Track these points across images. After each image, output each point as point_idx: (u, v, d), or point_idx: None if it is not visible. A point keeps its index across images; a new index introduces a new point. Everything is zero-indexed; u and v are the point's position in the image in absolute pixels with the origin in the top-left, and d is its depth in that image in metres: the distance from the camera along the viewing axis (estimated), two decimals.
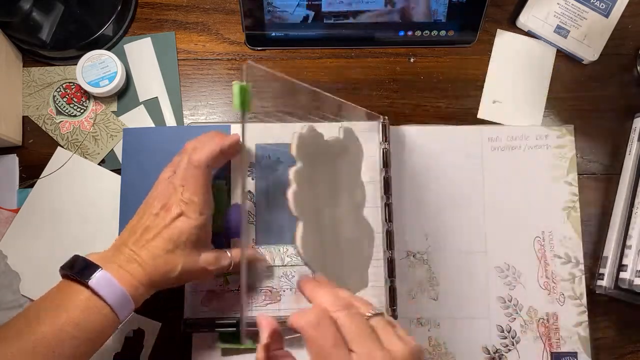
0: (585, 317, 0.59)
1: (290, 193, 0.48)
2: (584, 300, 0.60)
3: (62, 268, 0.46)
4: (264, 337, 0.40)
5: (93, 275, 0.44)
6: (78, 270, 0.45)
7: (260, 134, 0.60)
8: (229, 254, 0.52)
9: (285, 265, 0.58)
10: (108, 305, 0.44)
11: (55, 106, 0.63)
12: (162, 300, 0.59)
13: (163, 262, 0.48)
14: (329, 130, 0.59)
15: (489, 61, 0.65)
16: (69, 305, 0.43)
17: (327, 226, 0.52)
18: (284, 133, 0.59)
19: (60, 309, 0.43)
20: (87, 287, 0.44)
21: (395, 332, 0.38)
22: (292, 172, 0.49)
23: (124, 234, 0.50)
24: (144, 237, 0.48)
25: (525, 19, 0.64)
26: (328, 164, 0.53)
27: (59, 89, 0.63)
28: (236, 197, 0.58)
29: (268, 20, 0.61)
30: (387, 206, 0.58)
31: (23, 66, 0.64)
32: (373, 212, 0.58)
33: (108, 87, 0.61)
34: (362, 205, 0.57)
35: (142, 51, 0.64)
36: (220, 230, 0.58)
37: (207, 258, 0.51)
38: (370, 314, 0.39)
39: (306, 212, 0.49)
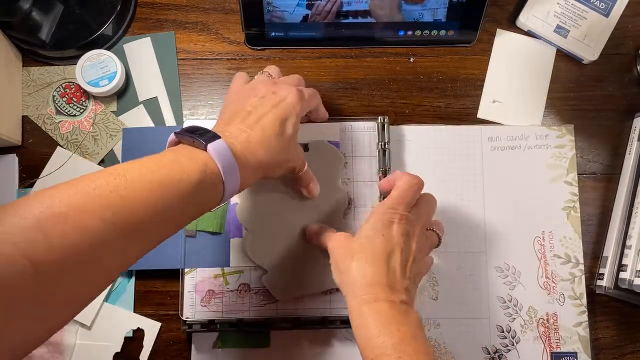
0: (585, 317, 0.59)
1: (237, 208, 0.57)
2: (584, 300, 0.60)
3: (180, 134, 0.44)
4: None
5: (212, 142, 0.42)
6: (196, 133, 0.43)
7: None
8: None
9: None
10: (221, 175, 0.42)
11: (55, 106, 0.63)
12: (162, 300, 0.59)
13: (273, 144, 0.46)
14: (329, 130, 0.60)
15: (489, 61, 0.65)
16: (187, 166, 0.41)
17: (288, 232, 0.57)
18: None
19: (178, 167, 0.40)
20: (204, 150, 0.42)
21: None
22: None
23: (224, 117, 0.48)
24: (251, 117, 0.47)
25: (525, 19, 0.64)
26: (284, 178, 0.56)
27: (58, 89, 0.63)
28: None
29: (268, 20, 0.61)
30: None
31: (23, 66, 0.64)
32: None
33: (108, 87, 0.61)
34: (341, 210, 0.58)
35: (142, 51, 0.64)
36: (220, 230, 0.58)
37: (301, 150, 0.52)
38: None
39: (255, 222, 0.57)
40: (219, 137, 0.43)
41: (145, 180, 0.38)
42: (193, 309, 0.57)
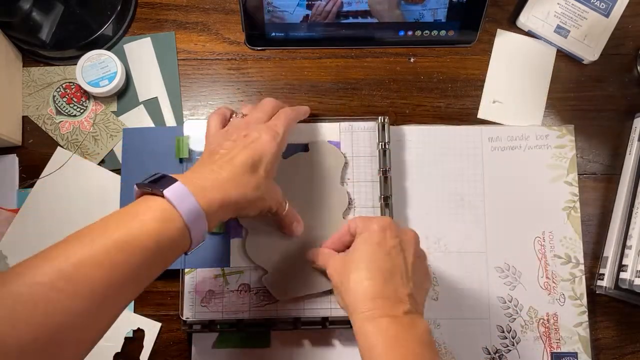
0: (585, 317, 0.59)
1: None
2: (584, 300, 0.60)
3: (138, 184, 0.44)
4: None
5: (169, 187, 0.42)
6: (155, 181, 0.43)
7: None
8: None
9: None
10: (182, 218, 0.42)
11: (55, 106, 0.63)
12: (162, 300, 0.59)
13: (244, 181, 0.46)
14: (329, 130, 0.60)
15: (489, 61, 0.65)
16: (144, 215, 0.41)
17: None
18: None
19: (136, 219, 0.41)
20: (162, 197, 0.42)
21: None
22: None
23: (201, 159, 0.50)
24: (223, 159, 0.47)
25: (525, 19, 0.64)
26: (286, 180, 0.56)
27: (58, 89, 0.63)
28: None
29: (268, 20, 0.61)
30: (387, 206, 0.58)
31: (23, 66, 0.64)
32: (373, 212, 0.58)
33: (108, 87, 0.61)
34: (341, 209, 0.58)
35: (142, 51, 0.64)
36: (220, 231, 0.58)
37: (278, 190, 0.52)
38: None
39: (255, 222, 0.57)
40: (175, 181, 0.43)
41: (100, 240, 0.39)
42: (193, 309, 0.57)
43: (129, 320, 0.59)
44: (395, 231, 0.48)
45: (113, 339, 0.58)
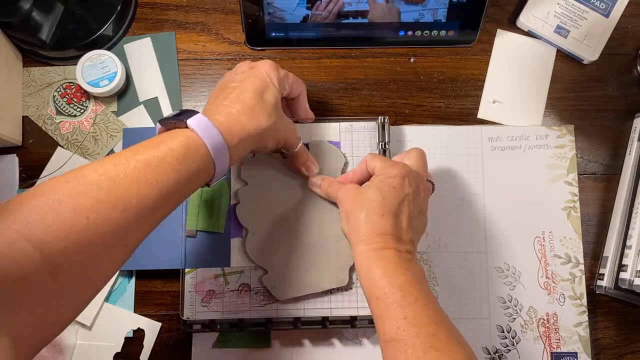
0: (585, 317, 0.59)
1: (237, 208, 0.58)
2: (584, 300, 0.60)
3: (161, 120, 0.46)
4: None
5: (191, 117, 0.44)
6: (177, 114, 0.46)
7: None
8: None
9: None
10: (206, 147, 0.44)
11: (55, 106, 0.63)
12: (162, 300, 0.59)
13: (255, 111, 0.48)
14: (329, 130, 0.60)
15: (489, 61, 0.65)
16: (170, 142, 0.43)
17: (288, 232, 0.57)
18: None
19: (162, 145, 0.43)
20: (186, 127, 0.44)
21: None
22: (239, 192, 0.58)
23: (212, 96, 0.52)
24: (233, 93, 0.49)
25: (525, 19, 0.64)
26: (285, 179, 0.58)
27: (59, 89, 0.63)
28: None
29: (268, 20, 0.61)
30: None
31: (23, 66, 0.64)
32: None
33: (108, 87, 0.61)
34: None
35: (142, 51, 0.64)
36: (220, 230, 0.58)
37: (290, 121, 0.54)
38: None
39: (255, 222, 0.57)
40: (197, 112, 0.45)
41: (132, 161, 0.41)
42: (193, 309, 0.57)
43: (129, 320, 0.59)
44: (413, 179, 0.51)
45: (113, 339, 0.58)
